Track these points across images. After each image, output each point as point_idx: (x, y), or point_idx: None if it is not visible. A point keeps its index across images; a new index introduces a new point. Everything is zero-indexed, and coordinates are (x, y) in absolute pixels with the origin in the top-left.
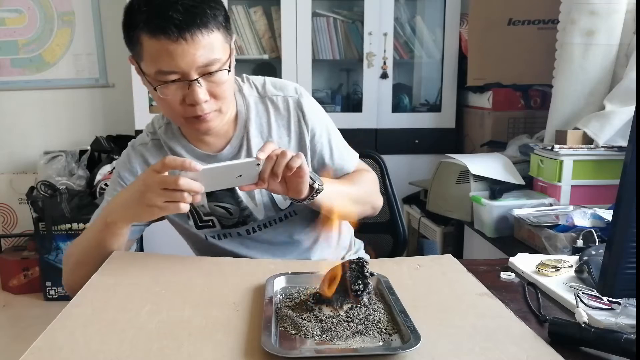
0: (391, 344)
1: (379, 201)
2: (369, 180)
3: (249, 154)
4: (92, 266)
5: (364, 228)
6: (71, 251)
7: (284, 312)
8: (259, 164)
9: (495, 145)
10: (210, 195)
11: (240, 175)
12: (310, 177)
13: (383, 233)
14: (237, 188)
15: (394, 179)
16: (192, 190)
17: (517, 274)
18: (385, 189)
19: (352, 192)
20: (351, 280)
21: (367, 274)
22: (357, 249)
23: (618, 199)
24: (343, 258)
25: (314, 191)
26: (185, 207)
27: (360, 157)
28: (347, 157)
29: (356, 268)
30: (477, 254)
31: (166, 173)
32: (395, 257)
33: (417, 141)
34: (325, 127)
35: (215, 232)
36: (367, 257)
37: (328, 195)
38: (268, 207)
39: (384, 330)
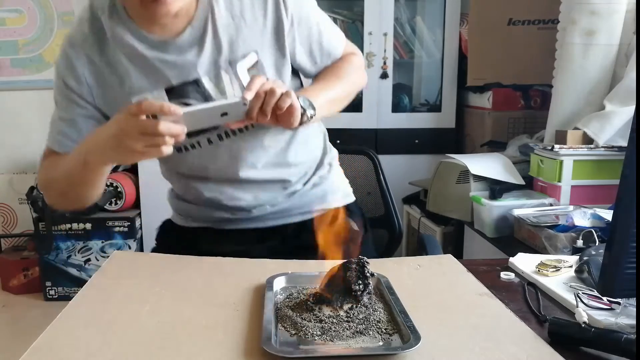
0: (391, 344)
1: (363, 82)
2: (356, 66)
3: (215, 38)
4: (80, 196)
5: None
6: (48, 181)
7: (284, 312)
8: (245, 104)
9: (495, 145)
10: (170, 91)
11: (225, 114)
12: (301, 106)
13: (378, 228)
14: (203, 81)
15: (394, 178)
16: (173, 134)
17: (517, 274)
18: (380, 185)
19: (340, 92)
20: (351, 280)
21: (368, 274)
22: (332, 159)
23: (618, 199)
24: (321, 161)
25: (305, 118)
26: (167, 150)
27: (356, 153)
28: (336, 41)
29: (356, 268)
30: (477, 254)
31: (143, 116)
32: (391, 251)
33: (417, 141)
34: (312, 10)
35: (181, 142)
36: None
37: (318, 112)
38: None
39: (384, 330)
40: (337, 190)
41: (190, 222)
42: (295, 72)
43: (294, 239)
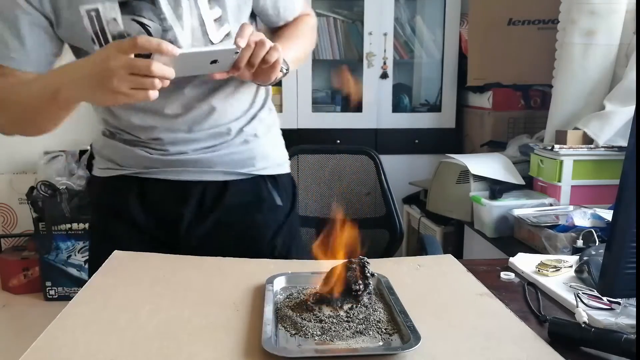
0: (391, 344)
1: (315, 43)
2: (311, 26)
3: None
4: (36, 127)
5: (360, 224)
6: None
7: (284, 312)
8: (237, 52)
9: (495, 145)
10: (123, 5)
11: (214, 62)
12: None
13: (379, 228)
14: (160, 2)
15: (394, 178)
16: (165, 77)
17: (517, 274)
18: (381, 186)
19: (302, 51)
20: (351, 280)
21: (368, 274)
22: (273, 122)
23: (618, 199)
24: (257, 115)
25: (280, 75)
26: (154, 95)
27: (357, 153)
28: None
29: (357, 268)
30: (477, 254)
31: (132, 55)
32: (391, 251)
33: (417, 141)
34: None
35: None
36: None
37: (290, 68)
38: (197, 37)
39: (384, 330)
40: (268, 156)
41: (108, 171)
42: (252, 16)
43: (214, 205)
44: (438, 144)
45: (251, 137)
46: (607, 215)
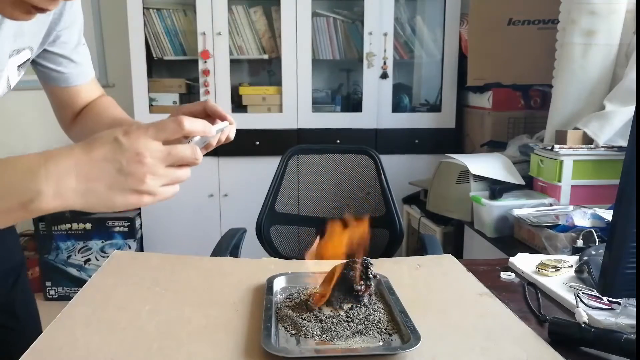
0: (391, 344)
1: None
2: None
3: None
4: None
5: None
6: None
7: (284, 312)
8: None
9: (495, 145)
10: None
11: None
12: None
13: (380, 227)
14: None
15: (394, 178)
16: (197, 164)
17: (517, 274)
18: (381, 185)
19: None
20: (353, 280)
21: (370, 275)
22: None
23: (618, 199)
24: None
25: None
26: (177, 191)
27: (357, 152)
28: (88, 60)
29: (360, 268)
30: (477, 254)
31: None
32: (391, 251)
33: (417, 141)
34: (82, 17)
35: None
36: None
37: None
38: (3, 90)
39: (384, 330)
40: None
41: None
42: None
43: None
44: (438, 144)
45: None
46: (607, 215)
